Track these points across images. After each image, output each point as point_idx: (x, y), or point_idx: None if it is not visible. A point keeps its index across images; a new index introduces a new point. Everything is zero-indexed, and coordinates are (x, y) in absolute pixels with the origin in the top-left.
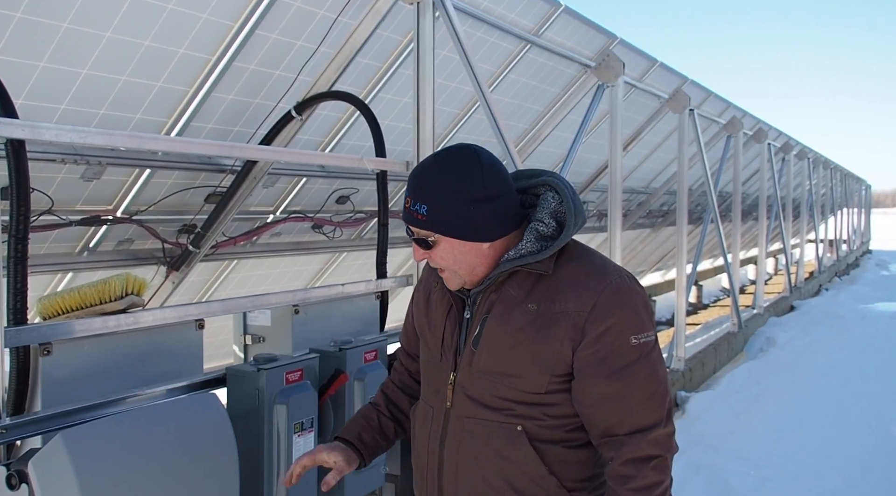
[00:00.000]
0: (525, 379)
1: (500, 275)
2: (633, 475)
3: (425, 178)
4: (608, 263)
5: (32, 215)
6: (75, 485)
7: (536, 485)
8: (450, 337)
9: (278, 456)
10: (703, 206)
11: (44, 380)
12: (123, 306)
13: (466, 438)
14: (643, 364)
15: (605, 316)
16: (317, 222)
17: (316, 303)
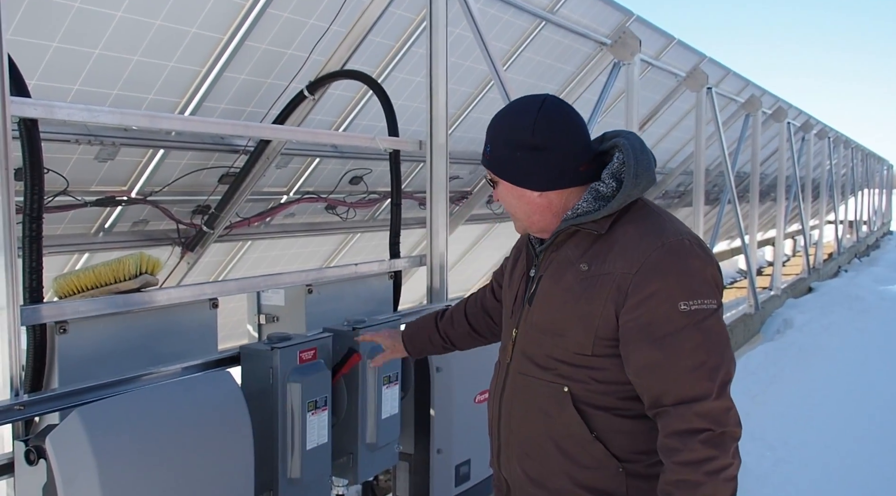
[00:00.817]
0: (570, 338)
1: (559, 234)
2: (679, 448)
3: (494, 121)
4: (669, 225)
5: (48, 196)
6: (92, 460)
7: (582, 449)
8: (521, 295)
9: (292, 434)
10: (720, 186)
11: (60, 358)
12: (138, 285)
13: (519, 394)
14: (691, 332)
15: (652, 279)
16: (330, 203)
17: (329, 283)
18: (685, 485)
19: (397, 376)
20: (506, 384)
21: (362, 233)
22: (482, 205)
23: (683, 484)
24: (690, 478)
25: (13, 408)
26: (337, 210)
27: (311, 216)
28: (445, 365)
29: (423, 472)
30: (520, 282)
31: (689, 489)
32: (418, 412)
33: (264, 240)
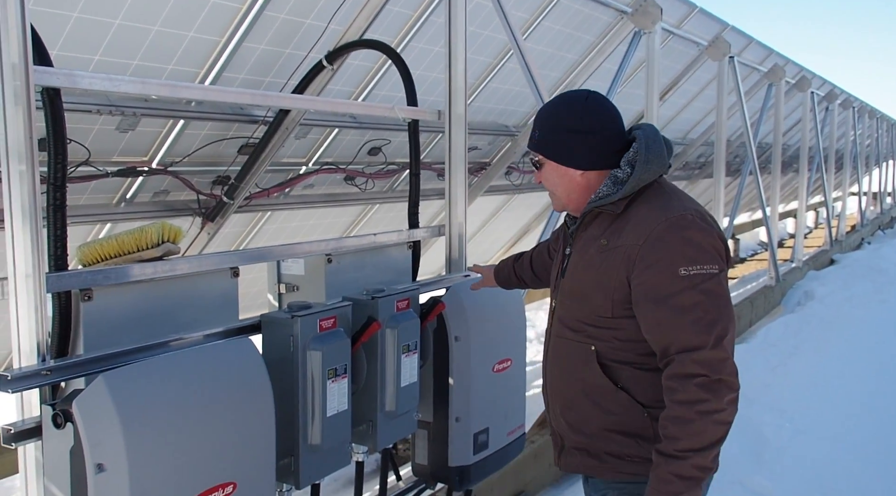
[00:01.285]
0: (593, 303)
1: (585, 215)
2: (676, 388)
3: (544, 109)
4: (675, 203)
5: (70, 166)
6: (118, 424)
7: (610, 399)
8: (558, 270)
9: (312, 401)
10: (741, 157)
11: (85, 325)
12: (160, 254)
13: (557, 354)
14: (691, 293)
15: (655, 248)
16: (349, 174)
17: (349, 253)
18: (679, 420)
19: (416, 345)
20: (549, 348)
21: (381, 204)
22: (501, 176)
23: (678, 420)
24: (684, 415)
25: (40, 373)
26: (356, 181)
27: (330, 187)
28: (464, 334)
29: (442, 440)
30: (559, 260)
31: (681, 424)
32: (437, 381)
33: (284, 210)
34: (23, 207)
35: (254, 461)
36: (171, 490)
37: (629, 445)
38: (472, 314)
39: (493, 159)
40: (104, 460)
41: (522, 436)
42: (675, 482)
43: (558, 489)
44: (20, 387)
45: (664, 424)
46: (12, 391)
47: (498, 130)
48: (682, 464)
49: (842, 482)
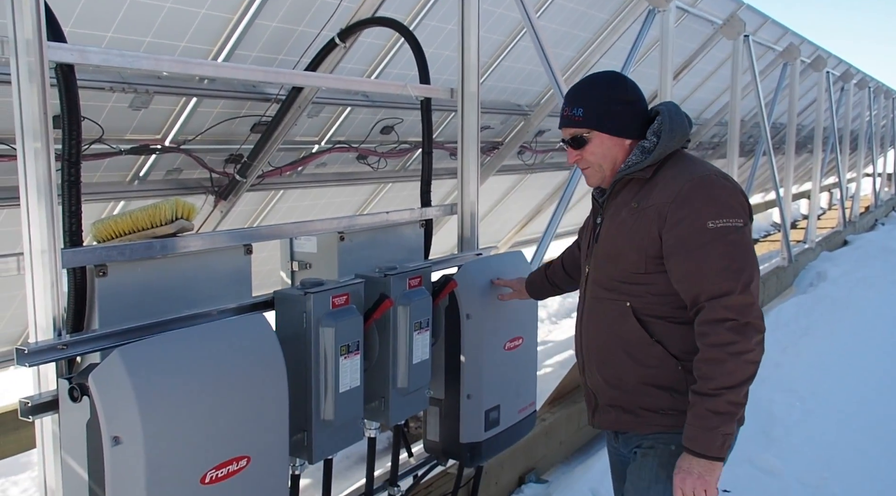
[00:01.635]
0: (626, 261)
1: (616, 183)
2: (708, 333)
3: (581, 89)
4: (700, 167)
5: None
6: (133, 397)
7: (645, 352)
8: (591, 239)
9: (325, 377)
10: (755, 137)
11: (100, 301)
12: (173, 230)
13: (593, 314)
14: (718, 244)
15: (684, 204)
16: (361, 153)
17: (361, 231)
18: (712, 361)
19: (428, 323)
20: (584, 310)
21: (393, 183)
22: (513, 155)
23: (711, 361)
24: (717, 356)
25: (56, 347)
26: (368, 160)
27: (343, 166)
28: (475, 312)
29: (453, 417)
30: (590, 231)
31: (714, 365)
32: (448, 358)
33: (296, 189)
34: (38, 184)
35: (267, 435)
36: (186, 462)
37: (664, 398)
38: (484, 292)
39: (505, 139)
40: (120, 433)
41: (533, 413)
42: (711, 417)
43: (568, 467)
44: (37, 361)
45: (698, 366)
46: (29, 365)
47: (511, 109)
48: (717, 400)
49: (851, 461)
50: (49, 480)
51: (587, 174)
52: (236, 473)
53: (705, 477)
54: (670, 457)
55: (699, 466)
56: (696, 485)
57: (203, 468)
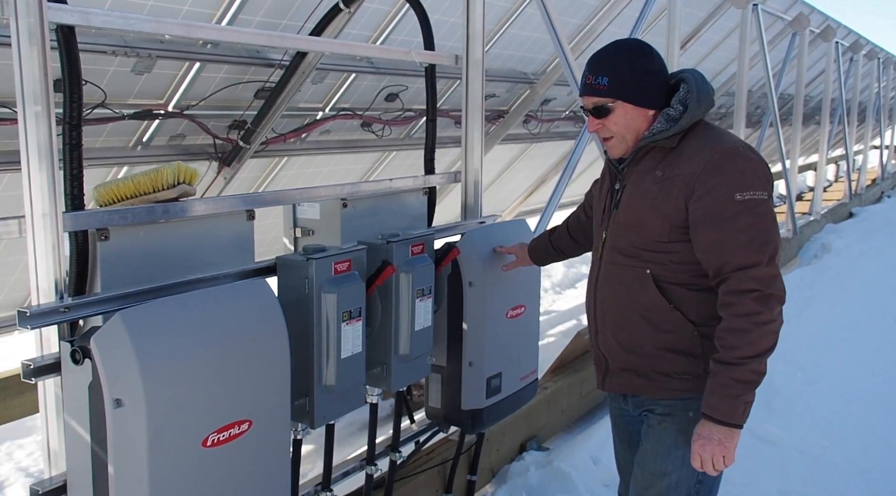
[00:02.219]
0: (649, 229)
1: (638, 151)
2: (734, 303)
3: (606, 57)
4: (726, 137)
5: (86, 108)
6: (134, 360)
7: (663, 318)
8: (608, 206)
9: (327, 342)
10: (762, 108)
11: (102, 265)
12: (176, 195)
13: (610, 279)
14: (746, 216)
15: (713, 175)
16: (366, 120)
17: (364, 198)
18: (737, 331)
19: (430, 290)
20: (599, 276)
21: (398, 151)
22: (518, 124)
23: (736, 330)
24: (742, 326)
25: (58, 310)
26: (372, 127)
27: (347, 133)
28: (478, 280)
29: (455, 384)
30: (606, 196)
31: (739, 334)
32: (451, 326)
33: (300, 156)
34: (39, 148)
35: (269, 400)
36: (188, 425)
37: (679, 363)
38: (487, 260)
39: (510, 107)
40: (122, 395)
41: (535, 381)
42: (734, 386)
43: (570, 435)
44: (39, 324)
45: (722, 336)
46: (31, 327)
47: (516, 78)
48: (741, 369)
49: (851, 431)
50: (52, 442)
51: (609, 145)
52: (238, 437)
53: (725, 443)
54: (688, 424)
55: (719, 433)
56: (716, 452)
57: (205, 431)
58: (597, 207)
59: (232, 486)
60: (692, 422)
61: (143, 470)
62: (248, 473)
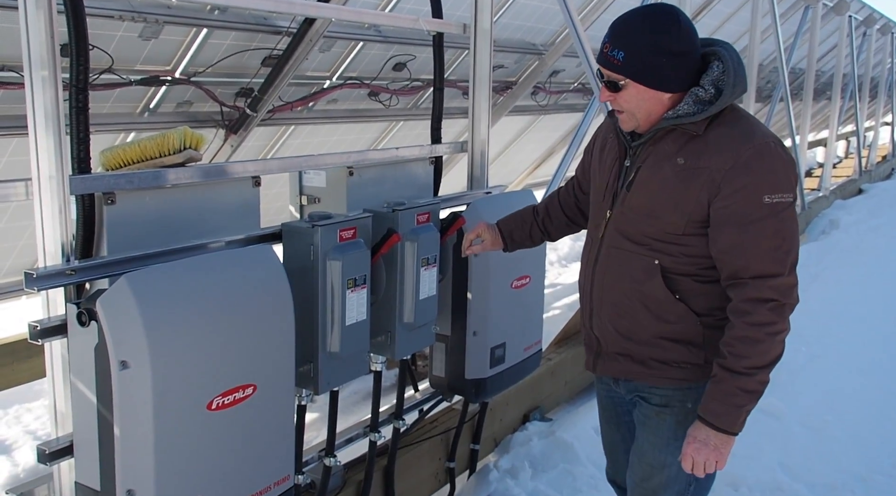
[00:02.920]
0: (665, 220)
1: (657, 131)
2: (750, 311)
3: (627, 27)
4: (757, 129)
5: (93, 73)
6: (140, 322)
7: (667, 308)
8: (613, 181)
9: (332, 309)
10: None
11: (109, 229)
12: (182, 160)
13: (612, 264)
14: (772, 221)
15: (742, 175)
16: (373, 89)
17: (371, 167)
18: (749, 340)
19: (435, 259)
20: (599, 257)
21: (405, 121)
22: (526, 96)
23: (747, 340)
24: (754, 335)
25: (65, 272)
26: (380, 97)
27: (354, 102)
28: None
29: (459, 353)
30: (611, 170)
31: (751, 344)
32: (455, 295)
33: (307, 125)
34: (46, 111)
35: (273, 365)
36: (193, 388)
37: (679, 351)
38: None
39: (518, 78)
40: (127, 357)
41: (539, 352)
42: (739, 395)
43: (573, 406)
44: (45, 285)
45: (732, 343)
46: (38, 289)
47: (525, 48)
48: (749, 379)
49: (854, 406)
50: (59, 403)
51: (621, 118)
52: (242, 401)
53: (721, 449)
54: (686, 416)
55: (716, 439)
56: (710, 457)
57: (210, 394)
58: (597, 177)
59: (236, 450)
60: (690, 414)
61: (149, 431)
62: (253, 437)
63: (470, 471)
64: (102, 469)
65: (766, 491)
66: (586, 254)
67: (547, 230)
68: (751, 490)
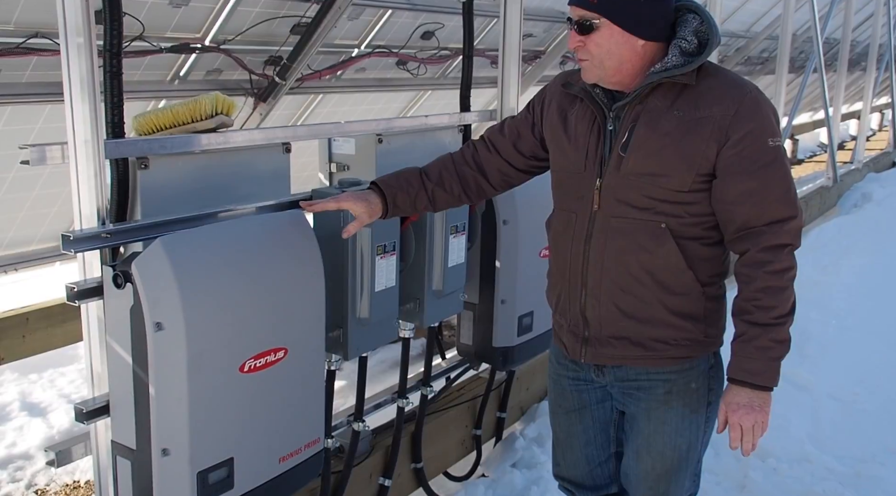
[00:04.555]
0: (672, 178)
1: (645, 87)
2: (771, 260)
3: None
4: (741, 78)
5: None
6: (174, 285)
7: (675, 278)
8: (594, 147)
9: (361, 276)
10: (806, 53)
11: (142, 193)
12: (214, 125)
13: (613, 235)
14: (779, 164)
15: (747, 120)
16: (401, 58)
17: (400, 134)
18: (773, 289)
19: (464, 226)
20: (593, 232)
21: (433, 90)
22: (554, 66)
23: (770, 289)
24: (777, 283)
25: (100, 235)
26: (408, 66)
27: (382, 71)
28: (512, 218)
29: (487, 322)
30: (589, 137)
31: (776, 293)
32: (484, 263)
33: (335, 94)
34: (81, 77)
35: (304, 329)
36: (226, 350)
37: (682, 328)
38: (521, 198)
39: (547, 48)
40: (162, 319)
41: None
42: (775, 347)
43: None
44: (82, 248)
45: (755, 296)
46: (74, 251)
47: (555, 17)
48: (781, 329)
49: (885, 379)
50: (95, 364)
51: (585, 66)
52: (274, 364)
53: (765, 408)
54: (692, 395)
55: (759, 399)
56: (758, 419)
57: (242, 356)
58: (570, 150)
59: (268, 412)
60: (695, 393)
61: (183, 392)
62: (284, 400)
63: (496, 438)
64: (138, 428)
65: (794, 462)
66: (568, 230)
67: (434, 200)
68: (779, 461)
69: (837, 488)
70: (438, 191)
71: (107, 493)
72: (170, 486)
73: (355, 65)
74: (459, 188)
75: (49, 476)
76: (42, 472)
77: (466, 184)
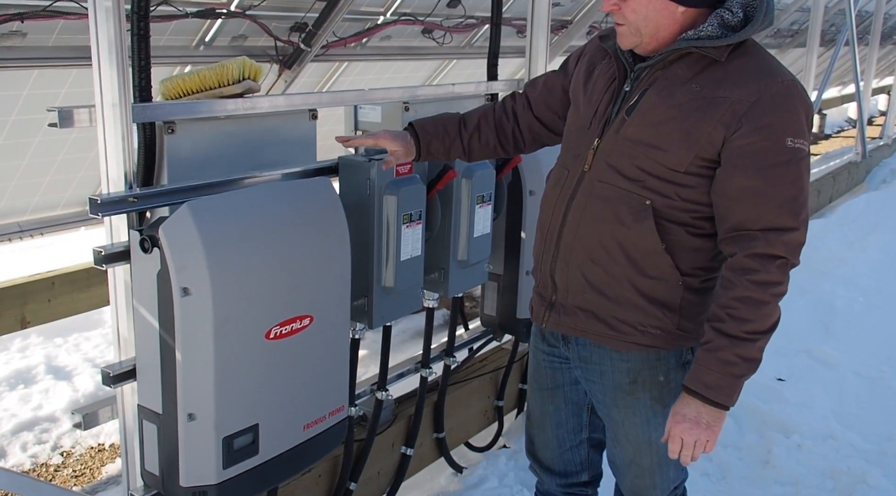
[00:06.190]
0: (669, 153)
1: (671, 52)
2: (756, 268)
3: None
4: (781, 66)
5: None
6: (201, 250)
7: (650, 260)
8: (604, 106)
9: (387, 244)
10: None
11: (169, 158)
12: (240, 90)
13: (594, 200)
14: (793, 167)
15: (769, 111)
16: (427, 26)
17: (426, 102)
18: (752, 302)
19: (490, 196)
20: (578, 191)
21: (458, 59)
22: (581, 36)
23: (749, 300)
24: (759, 297)
25: (127, 199)
26: (433, 34)
27: (407, 39)
28: (539, 188)
29: (511, 293)
30: (604, 94)
31: (754, 306)
32: (509, 234)
33: (360, 62)
34: (109, 41)
35: (330, 297)
36: (252, 316)
37: (652, 315)
38: (548, 169)
39: (574, 17)
40: (189, 284)
41: None
42: (739, 364)
43: None
44: (109, 211)
45: (731, 305)
46: (102, 215)
47: None
48: (751, 346)
49: None
50: (122, 328)
51: (621, 32)
52: (299, 331)
53: (713, 427)
54: (661, 390)
55: (709, 416)
56: (702, 437)
57: (268, 323)
58: (584, 105)
59: (293, 378)
60: (665, 386)
61: (209, 357)
62: (309, 367)
63: (518, 410)
64: (164, 392)
65: (819, 439)
66: (557, 186)
67: (470, 149)
68: (803, 437)
69: (863, 465)
70: (474, 141)
71: (132, 456)
72: (195, 451)
73: (381, 32)
74: (496, 140)
75: (74, 438)
76: (67, 435)
77: (504, 135)
